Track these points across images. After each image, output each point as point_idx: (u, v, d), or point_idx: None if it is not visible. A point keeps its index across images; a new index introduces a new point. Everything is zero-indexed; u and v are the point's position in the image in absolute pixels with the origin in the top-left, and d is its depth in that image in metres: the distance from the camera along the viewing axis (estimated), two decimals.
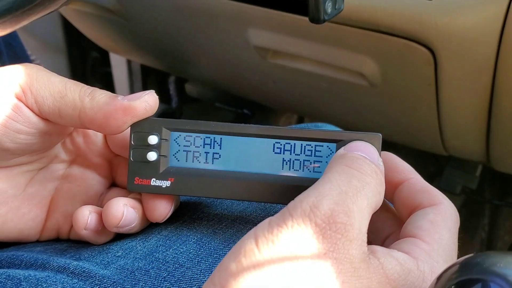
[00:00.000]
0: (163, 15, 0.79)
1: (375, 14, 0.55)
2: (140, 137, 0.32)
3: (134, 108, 0.31)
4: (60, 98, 0.31)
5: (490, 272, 0.21)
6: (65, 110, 0.31)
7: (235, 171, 0.32)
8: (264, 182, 0.32)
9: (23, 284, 0.31)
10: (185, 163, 0.33)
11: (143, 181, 0.32)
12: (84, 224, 0.32)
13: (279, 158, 0.32)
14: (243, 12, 0.66)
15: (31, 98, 0.31)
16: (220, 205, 0.37)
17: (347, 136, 0.31)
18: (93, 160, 0.36)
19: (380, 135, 0.30)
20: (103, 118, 0.31)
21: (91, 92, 0.31)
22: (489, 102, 0.59)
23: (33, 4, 0.30)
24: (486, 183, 1.03)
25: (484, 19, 0.52)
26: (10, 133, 0.31)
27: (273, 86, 0.84)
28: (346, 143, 0.30)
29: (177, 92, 1.22)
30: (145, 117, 0.32)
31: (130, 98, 0.31)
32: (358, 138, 0.30)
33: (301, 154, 0.32)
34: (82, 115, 0.31)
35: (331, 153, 0.31)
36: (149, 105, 0.31)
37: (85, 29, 1.03)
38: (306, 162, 0.32)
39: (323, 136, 0.31)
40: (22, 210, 0.35)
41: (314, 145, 0.31)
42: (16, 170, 0.34)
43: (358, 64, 0.64)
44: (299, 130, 0.32)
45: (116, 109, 0.31)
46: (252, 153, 0.32)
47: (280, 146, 0.32)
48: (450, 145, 0.72)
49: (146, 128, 0.32)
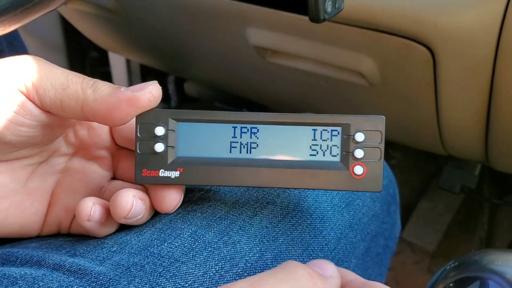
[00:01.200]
0: (162, 14, 0.79)
1: (374, 13, 0.55)
2: (146, 129, 0.32)
3: (138, 99, 0.30)
4: (62, 90, 0.30)
5: (488, 270, 0.21)
6: (67, 102, 0.30)
7: (243, 159, 0.32)
8: (272, 168, 0.32)
9: (19, 283, 0.31)
10: (193, 153, 0.33)
11: (151, 173, 0.32)
12: (88, 215, 0.32)
13: (286, 144, 0.32)
14: (242, 11, 0.66)
15: (32, 90, 0.30)
16: (213, 197, 0.37)
17: (353, 119, 0.32)
18: (95, 153, 0.36)
19: (383, 117, 0.32)
20: (107, 110, 0.30)
21: (93, 83, 0.31)
22: (488, 102, 0.59)
23: (33, 3, 0.29)
24: (485, 182, 1.04)
25: (482, 18, 0.52)
26: (11, 126, 0.30)
27: (272, 86, 0.84)
28: (350, 126, 0.32)
29: (176, 91, 1.22)
30: (149, 108, 0.31)
31: (133, 89, 0.31)
32: (362, 120, 0.32)
33: (307, 139, 0.33)
34: (85, 107, 0.30)
35: (338, 134, 0.32)
36: (153, 95, 0.31)
37: (84, 29, 1.03)
38: (314, 147, 0.33)
39: (329, 120, 0.32)
40: (23, 205, 0.34)
41: (320, 130, 0.32)
42: (17, 164, 0.34)
43: (357, 64, 0.64)
44: (304, 116, 0.32)
45: (119, 100, 0.30)
46: (260, 140, 0.32)
47: (289, 132, 0.32)
48: (449, 145, 0.72)
49: (152, 120, 0.32)
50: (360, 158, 0.32)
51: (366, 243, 0.43)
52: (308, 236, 0.37)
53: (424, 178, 1.16)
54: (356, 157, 0.32)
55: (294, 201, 0.38)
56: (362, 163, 0.32)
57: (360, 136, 0.32)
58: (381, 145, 0.32)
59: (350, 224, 0.41)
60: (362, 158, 0.32)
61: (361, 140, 0.32)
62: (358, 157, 0.32)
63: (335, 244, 0.39)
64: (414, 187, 1.17)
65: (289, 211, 0.37)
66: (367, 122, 0.32)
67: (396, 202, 0.50)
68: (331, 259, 0.38)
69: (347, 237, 0.40)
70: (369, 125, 0.32)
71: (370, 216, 0.44)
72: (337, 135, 0.32)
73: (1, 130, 0.30)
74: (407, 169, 1.18)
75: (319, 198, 0.39)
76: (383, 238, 0.46)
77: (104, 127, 0.36)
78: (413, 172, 1.18)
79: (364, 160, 0.32)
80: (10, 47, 0.57)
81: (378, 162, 0.32)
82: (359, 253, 0.42)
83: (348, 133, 0.32)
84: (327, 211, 0.39)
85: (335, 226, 0.39)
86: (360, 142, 0.32)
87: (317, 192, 0.40)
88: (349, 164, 0.32)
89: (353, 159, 0.32)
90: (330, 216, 0.39)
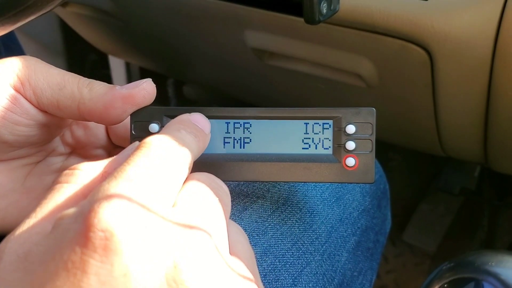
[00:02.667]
0: (161, 17, 0.79)
1: (371, 15, 0.55)
2: (141, 126, 0.33)
3: (133, 96, 0.31)
4: (59, 90, 0.31)
5: (483, 271, 0.21)
6: (64, 102, 0.31)
7: (237, 154, 0.33)
8: (265, 163, 0.33)
9: None
10: None
11: None
12: None
13: (278, 138, 0.33)
14: (240, 14, 0.66)
15: (29, 90, 0.31)
16: None
17: (344, 112, 0.32)
18: (91, 152, 0.37)
19: (373, 109, 0.32)
20: (103, 108, 0.31)
21: (89, 83, 0.31)
22: (486, 103, 0.59)
23: (26, 5, 0.30)
24: (485, 183, 1.04)
25: (479, 20, 0.52)
26: (8, 125, 0.31)
27: (270, 88, 0.84)
28: (342, 119, 0.32)
29: (175, 94, 1.22)
30: (144, 105, 0.32)
31: (128, 87, 0.31)
32: (353, 113, 0.32)
33: (299, 132, 0.33)
34: (81, 106, 0.31)
35: (329, 127, 0.33)
36: (147, 92, 0.31)
37: (83, 32, 1.03)
38: (306, 140, 0.33)
39: (321, 114, 0.33)
40: (21, 204, 0.35)
41: (312, 123, 0.33)
42: (15, 164, 0.34)
43: (355, 65, 0.64)
44: (296, 110, 0.33)
45: (115, 98, 0.31)
46: (253, 135, 0.33)
47: (281, 126, 0.33)
48: (448, 146, 0.72)
49: (147, 117, 0.32)
50: (352, 150, 0.32)
51: (356, 237, 0.43)
52: (298, 230, 0.37)
53: (423, 180, 1.16)
54: (347, 149, 0.32)
55: (284, 196, 0.38)
56: (354, 155, 0.32)
57: (351, 129, 0.32)
58: (372, 137, 0.32)
59: (341, 218, 0.41)
60: (353, 150, 0.32)
61: (352, 132, 0.32)
62: (349, 149, 0.32)
63: (326, 238, 0.39)
64: (413, 189, 1.17)
65: (279, 206, 0.38)
66: (358, 115, 0.32)
67: (386, 197, 0.50)
68: (322, 253, 0.39)
69: (337, 231, 0.41)
70: (360, 117, 0.32)
71: (361, 210, 0.44)
72: (328, 128, 0.33)
73: None
74: (407, 171, 1.17)
75: (309, 193, 0.40)
76: (374, 233, 0.47)
77: (100, 126, 0.36)
78: (412, 174, 1.18)
79: (355, 152, 0.32)
80: (6, 49, 0.57)
81: (370, 153, 0.32)
82: (350, 247, 0.42)
83: (340, 125, 0.32)
84: (317, 205, 0.40)
85: (326, 220, 0.39)
86: (351, 134, 0.32)
87: (307, 187, 0.40)
88: (341, 156, 0.32)
89: (345, 151, 0.32)
90: (320, 210, 0.39)
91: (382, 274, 1.08)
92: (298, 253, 0.37)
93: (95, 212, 0.21)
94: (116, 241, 0.20)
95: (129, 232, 0.20)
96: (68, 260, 0.20)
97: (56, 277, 0.20)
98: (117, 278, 0.20)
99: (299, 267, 0.37)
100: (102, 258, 0.20)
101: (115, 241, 0.20)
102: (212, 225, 0.24)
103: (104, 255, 0.20)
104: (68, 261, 0.20)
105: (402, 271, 1.09)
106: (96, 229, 0.20)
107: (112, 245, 0.20)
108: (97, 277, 0.20)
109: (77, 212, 0.21)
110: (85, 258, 0.20)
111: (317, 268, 0.38)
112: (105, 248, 0.20)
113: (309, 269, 0.38)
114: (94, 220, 0.20)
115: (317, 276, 0.38)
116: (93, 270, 0.20)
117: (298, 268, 0.37)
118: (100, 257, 0.20)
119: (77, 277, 0.20)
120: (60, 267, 0.20)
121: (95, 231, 0.20)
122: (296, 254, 0.37)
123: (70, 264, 0.20)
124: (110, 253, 0.20)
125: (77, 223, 0.21)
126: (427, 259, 1.09)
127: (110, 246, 0.20)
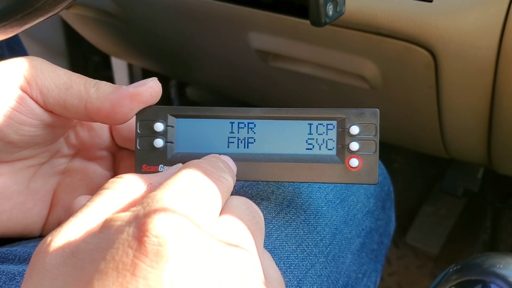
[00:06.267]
0: (164, 19, 0.79)
1: (375, 16, 0.55)
2: (146, 125, 0.33)
3: (140, 94, 0.31)
4: (66, 89, 0.31)
5: (490, 273, 0.21)
6: (71, 101, 0.31)
7: (241, 153, 0.33)
8: (269, 163, 0.33)
9: (17, 278, 0.31)
10: (191, 148, 0.33)
11: (151, 168, 0.33)
12: None
13: (282, 139, 0.33)
14: (244, 16, 0.66)
15: (35, 90, 0.31)
16: None
17: (347, 113, 0.32)
18: (96, 153, 0.37)
19: (377, 110, 0.32)
20: (110, 107, 0.31)
21: (95, 83, 0.32)
22: (490, 104, 0.59)
23: (33, 8, 0.30)
24: (488, 185, 1.03)
25: (484, 21, 0.52)
26: (14, 124, 0.31)
27: (273, 89, 0.84)
28: (346, 120, 0.32)
29: (178, 96, 1.22)
30: (151, 103, 0.32)
31: (134, 85, 0.32)
32: (357, 113, 0.32)
33: (303, 133, 0.33)
34: (89, 105, 0.31)
35: (333, 128, 0.33)
36: (154, 91, 0.32)
37: (86, 34, 1.03)
38: (310, 141, 0.33)
39: (325, 114, 0.33)
40: (26, 205, 0.35)
41: (316, 124, 0.33)
42: (20, 165, 0.34)
43: (359, 67, 0.64)
44: (300, 111, 0.33)
45: (122, 96, 0.31)
46: (257, 135, 0.33)
47: (285, 126, 0.33)
48: (452, 148, 0.72)
49: (151, 116, 0.33)
50: (356, 151, 0.32)
51: (361, 239, 0.43)
52: (302, 232, 0.37)
53: (426, 182, 1.16)
54: (351, 150, 0.32)
55: (289, 198, 0.38)
56: (357, 156, 0.32)
57: (355, 129, 0.32)
58: (376, 138, 0.32)
59: (345, 220, 0.41)
60: (357, 150, 0.32)
61: (356, 133, 0.32)
62: (353, 150, 0.32)
63: (330, 239, 0.39)
64: (416, 191, 1.16)
65: (284, 207, 0.38)
66: (362, 116, 0.32)
67: (391, 199, 0.50)
68: (327, 255, 0.39)
69: (342, 232, 0.40)
70: (364, 118, 0.32)
71: (365, 212, 0.44)
72: (332, 128, 0.33)
73: (4, 129, 0.31)
74: (410, 173, 1.17)
75: (313, 194, 0.40)
76: (378, 235, 0.47)
77: (104, 128, 0.36)
78: (415, 176, 1.18)
79: (359, 153, 0.32)
80: (10, 51, 0.57)
81: (374, 154, 0.32)
82: (354, 248, 0.42)
83: (344, 126, 0.33)
84: (322, 207, 0.40)
85: (330, 222, 0.39)
86: (355, 135, 0.32)
87: (311, 188, 0.40)
88: (345, 157, 0.32)
89: (349, 152, 0.32)
90: (324, 212, 0.39)
91: (385, 276, 1.08)
92: (303, 255, 0.37)
93: (151, 218, 0.21)
94: (168, 249, 0.20)
95: (181, 242, 0.21)
96: (120, 261, 0.20)
97: (105, 276, 0.20)
98: (164, 284, 0.20)
99: (304, 269, 0.37)
100: (152, 263, 0.20)
101: (167, 248, 0.20)
102: (252, 246, 0.24)
103: (155, 260, 0.20)
104: (119, 262, 0.20)
105: (405, 273, 1.08)
106: (150, 234, 0.21)
107: (164, 252, 0.20)
108: (145, 281, 0.20)
109: (131, 217, 0.22)
110: (136, 261, 0.20)
111: (321, 270, 0.38)
112: (157, 253, 0.20)
113: (314, 271, 0.38)
114: (150, 225, 0.21)
115: (322, 278, 0.38)
116: (142, 273, 0.20)
117: (303, 270, 0.37)
118: (151, 262, 0.20)
119: (126, 278, 0.20)
120: (111, 267, 0.20)
121: (149, 236, 0.21)
122: (301, 256, 0.37)
123: (121, 265, 0.20)
124: (161, 259, 0.20)
125: (132, 227, 0.21)
126: (430, 261, 1.09)
127: (162, 252, 0.20)
